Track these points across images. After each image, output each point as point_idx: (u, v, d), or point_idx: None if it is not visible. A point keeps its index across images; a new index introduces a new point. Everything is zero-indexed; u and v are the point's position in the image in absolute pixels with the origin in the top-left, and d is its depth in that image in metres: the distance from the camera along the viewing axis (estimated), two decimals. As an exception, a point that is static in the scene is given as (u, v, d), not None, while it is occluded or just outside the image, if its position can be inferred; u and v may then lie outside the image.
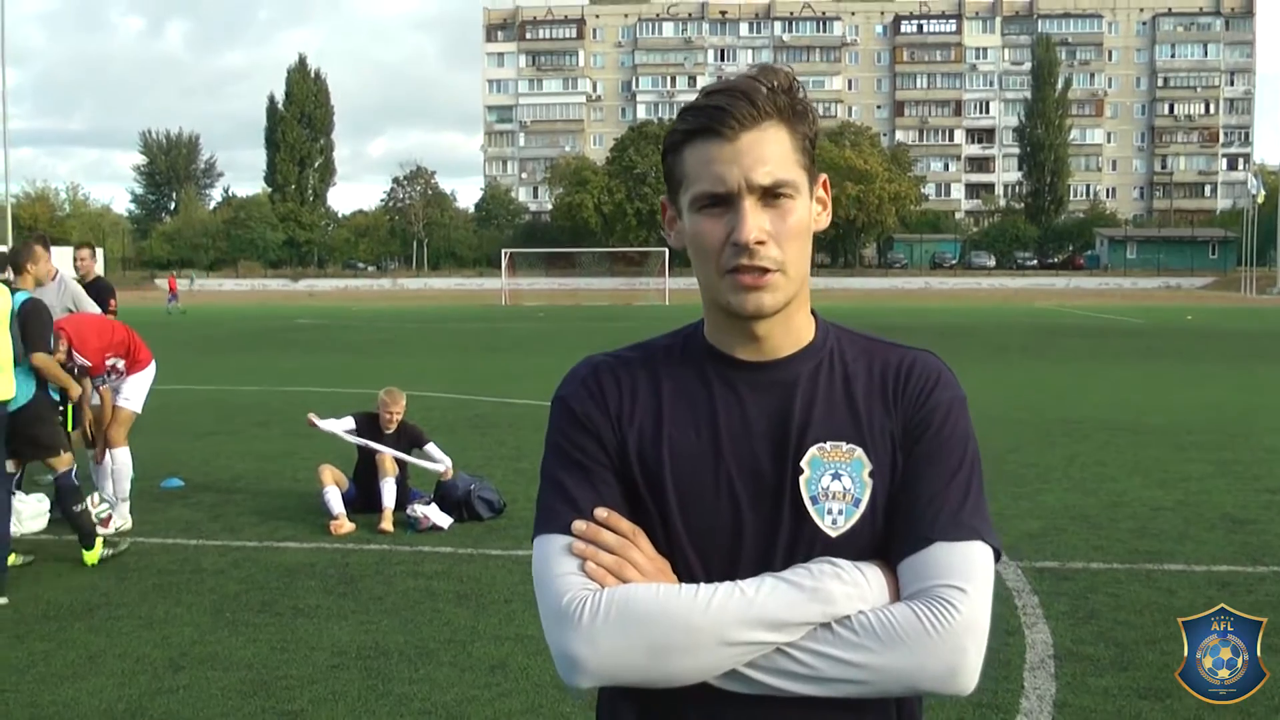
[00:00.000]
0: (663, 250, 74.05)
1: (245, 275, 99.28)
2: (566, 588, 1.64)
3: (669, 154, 1.72)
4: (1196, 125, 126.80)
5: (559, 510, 1.71)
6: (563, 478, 1.73)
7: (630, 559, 1.66)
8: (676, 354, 1.80)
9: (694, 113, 1.67)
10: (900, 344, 1.81)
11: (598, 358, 1.83)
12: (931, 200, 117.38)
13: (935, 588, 1.61)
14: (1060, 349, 28.62)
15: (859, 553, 1.67)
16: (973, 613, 1.60)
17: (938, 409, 1.72)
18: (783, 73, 1.68)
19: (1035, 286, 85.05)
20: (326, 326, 40.79)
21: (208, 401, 17.26)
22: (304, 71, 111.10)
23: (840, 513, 1.68)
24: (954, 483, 1.68)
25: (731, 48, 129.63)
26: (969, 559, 1.63)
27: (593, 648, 1.60)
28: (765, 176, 1.63)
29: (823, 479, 1.68)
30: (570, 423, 1.76)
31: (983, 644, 1.61)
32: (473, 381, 20.13)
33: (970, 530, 1.65)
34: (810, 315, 1.78)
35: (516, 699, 5.41)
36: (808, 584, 1.61)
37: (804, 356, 1.75)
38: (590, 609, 1.61)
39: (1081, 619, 6.53)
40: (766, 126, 1.64)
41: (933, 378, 1.75)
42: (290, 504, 9.76)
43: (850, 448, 1.70)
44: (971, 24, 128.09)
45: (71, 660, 6.00)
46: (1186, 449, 12.46)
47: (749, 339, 1.73)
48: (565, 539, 1.68)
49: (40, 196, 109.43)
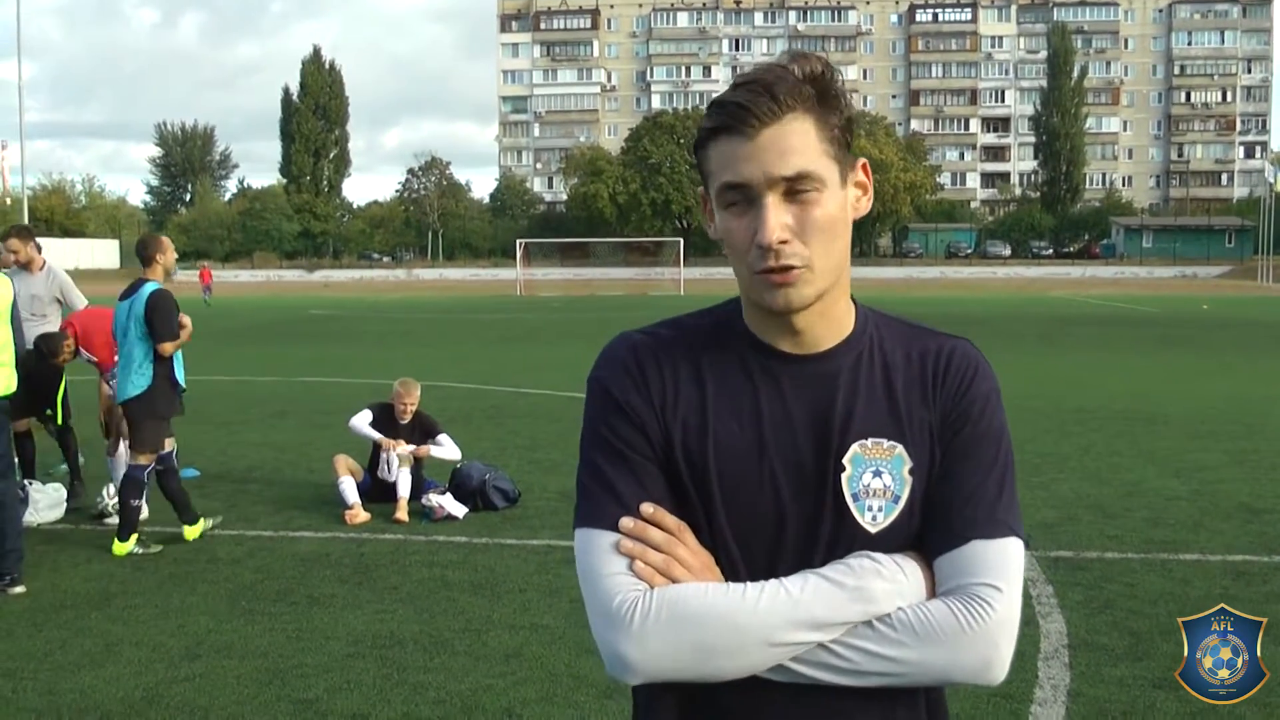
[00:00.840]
0: (677, 240, 73.93)
1: (260, 266, 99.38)
2: (616, 589, 1.65)
3: (698, 149, 1.71)
4: (1213, 113, 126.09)
5: (604, 504, 1.70)
6: (605, 468, 1.72)
7: (677, 556, 1.67)
8: (716, 339, 1.78)
9: (718, 109, 1.65)
10: (938, 330, 1.81)
11: (635, 336, 1.80)
12: (947, 189, 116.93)
13: (971, 585, 1.64)
14: (1075, 338, 28.53)
15: (896, 546, 1.69)
16: (1007, 610, 1.64)
17: (975, 401, 1.73)
18: (815, 59, 1.67)
19: (1051, 276, 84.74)
20: (342, 317, 40.85)
21: (223, 392, 17.32)
22: (319, 63, 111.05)
23: (880, 509, 1.70)
24: (990, 478, 1.70)
25: (746, 37, 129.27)
26: (1004, 556, 1.66)
27: (643, 649, 1.62)
28: (787, 169, 1.62)
29: (864, 476, 1.70)
30: (613, 410, 1.74)
31: (1014, 638, 1.65)
32: (488, 372, 20.17)
33: (1004, 527, 1.68)
34: (850, 304, 1.78)
35: (531, 687, 5.43)
36: (850, 583, 1.62)
37: (845, 348, 1.75)
38: (641, 611, 1.62)
39: (1096, 609, 6.53)
40: (789, 120, 1.62)
41: (971, 368, 1.76)
42: (305, 494, 9.80)
43: (891, 445, 1.71)
44: (987, 12, 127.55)
45: (89, 649, 6.04)
46: (1202, 438, 12.43)
47: (789, 331, 1.73)
48: (612, 536, 1.68)
49: (56, 189, 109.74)
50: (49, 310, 9.99)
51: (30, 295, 10.07)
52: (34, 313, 9.87)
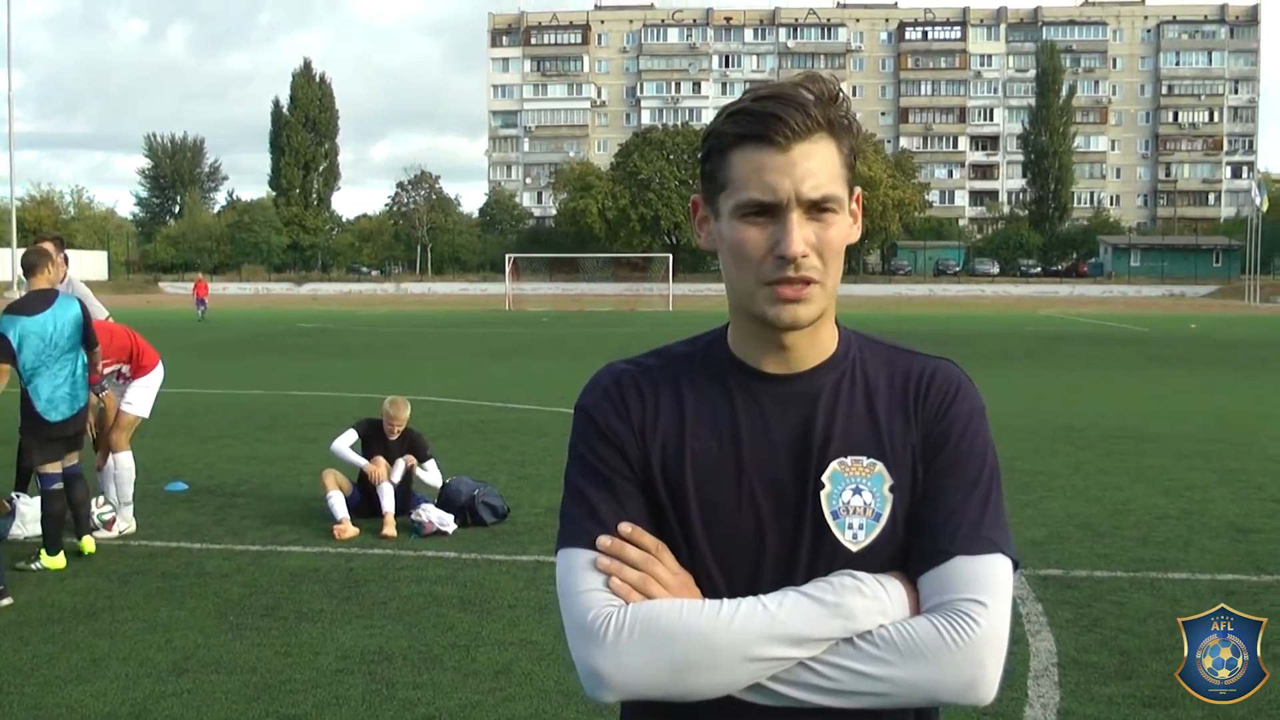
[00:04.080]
0: (666, 256, 74.05)
1: (249, 279, 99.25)
2: (591, 604, 1.65)
3: (714, 154, 1.69)
4: (1201, 133, 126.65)
5: (583, 524, 1.72)
6: (586, 490, 1.74)
7: (654, 574, 1.67)
8: (698, 363, 1.79)
9: (747, 116, 1.64)
10: (921, 352, 1.81)
11: (620, 366, 1.82)
12: (935, 207, 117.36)
13: (955, 601, 1.62)
14: (1064, 357, 28.60)
15: (880, 566, 1.67)
16: (992, 626, 1.61)
17: (957, 421, 1.72)
18: (829, 82, 1.67)
19: (1039, 294, 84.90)
20: (330, 331, 40.79)
21: (212, 405, 17.26)
22: (309, 75, 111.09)
23: (861, 527, 1.69)
24: (974, 495, 1.69)
25: (736, 54, 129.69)
26: (989, 572, 1.65)
27: (617, 664, 1.61)
28: (814, 190, 1.62)
29: (844, 494, 1.69)
30: (594, 434, 1.76)
31: (1002, 656, 1.63)
32: (476, 386, 20.14)
33: (990, 543, 1.66)
34: (834, 326, 1.78)
35: (521, 704, 5.42)
36: (829, 599, 1.61)
37: (827, 368, 1.75)
38: (615, 626, 1.62)
39: (1085, 627, 6.53)
40: (818, 139, 1.63)
41: (953, 389, 1.75)
42: (294, 508, 9.77)
43: (871, 462, 1.71)
44: (976, 31, 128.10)
45: (75, 663, 6.00)
46: (1190, 457, 12.46)
47: (776, 349, 1.73)
48: (589, 554, 1.69)
49: (45, 199, 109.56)
50: None
51: None
52: None
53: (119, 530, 8.83)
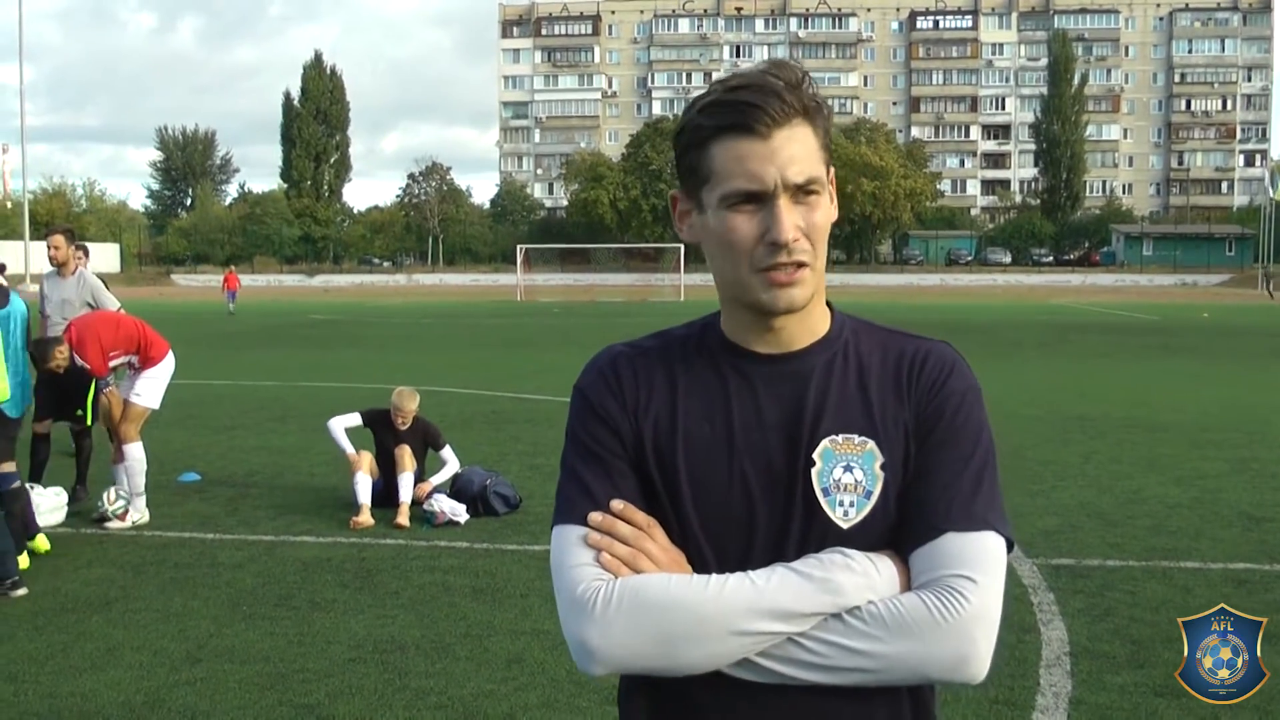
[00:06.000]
0: (678, 246, 73.83)
1: (261, 271, 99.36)
2: (581, 578, 1.67)
3: (693, 148, 1.71)
4: (1213, 121, 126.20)
5: (576, 501, 1.73)
6: (580, 469, 1.76)
7: (645, 550, 1.68)
8: (693, 345, 1.81)
9: (723, 108, 1.66)
10: (916, 334, 1.81)
11: (617, 347, 1.85)
12: (947, 196, 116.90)
13: (945, 577, 1.62)
14: (1076, 346, 28.54)
15: (872, 544, 1.68)
16: (982, 602, 1.61)
17: (950, 398, 1.73)
18: (793, 68, 1.69)
19: (1051, 283, 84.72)
20: (342, 322, 40.87)
21: (224, 396, 17.33)
22: (320, 68, 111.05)
23: (852, 505, 1.69)
24: (966, 473, 1.69)
25: (747, 44, 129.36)
26: (980, 549, 1.64)
27: (605, 637, 1.63)
28: (799, 175, 1.64)
29: (834, 471, 1.70)
30: (588, 414, 1.78)
31: (993, 633, 1.62)
32: (488, 377, 20.16)
33: (981, 520, 1.66)
34: (826, 307, 1.80)
35: (533, 693, 5.43)
36: (818, 574, 1.62)
37: (819, 349, 1.76)
38: (603, 598, 1.63)
39: (1097, 616, 6.52)
40: (796, 124, 1.65)
41: (946, 368, 1.75)
42: (306, 499, 9.80)
43: (862, 440, 1.71)
44: (988, 20, 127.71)
45: (89, 652, 6.03)
46: (1203, 446, 12.43)
47: (766, 331, 1.74)
48: (581, 530, 1.71)
49: (57, 192, 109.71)
50: (80, 314, 9.73)
51: (61, 299, 10.04)
52: (65, 316, 9.77)
53: (132, 520, 8.85)
